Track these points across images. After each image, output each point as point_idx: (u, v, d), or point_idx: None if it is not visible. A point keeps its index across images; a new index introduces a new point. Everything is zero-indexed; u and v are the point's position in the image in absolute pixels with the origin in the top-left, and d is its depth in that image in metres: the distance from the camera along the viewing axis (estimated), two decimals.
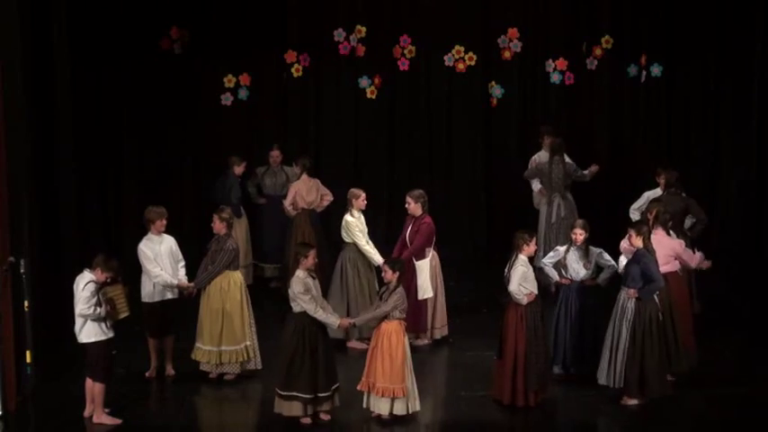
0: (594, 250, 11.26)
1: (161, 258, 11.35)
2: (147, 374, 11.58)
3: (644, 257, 10.54)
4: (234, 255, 11.44)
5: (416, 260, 12.21)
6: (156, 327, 11.49)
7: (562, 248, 11.40)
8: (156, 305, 11.43)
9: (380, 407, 10.25)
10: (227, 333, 11.35)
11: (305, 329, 10.13)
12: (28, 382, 10.94)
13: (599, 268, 11.27)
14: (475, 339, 12.55)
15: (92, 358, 10.27)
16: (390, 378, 10.13)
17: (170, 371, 11.65)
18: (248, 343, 11.42)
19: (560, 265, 11.32)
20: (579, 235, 11.24)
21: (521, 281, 10.46)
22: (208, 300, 11.42)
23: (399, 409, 10.25)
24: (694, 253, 11.86)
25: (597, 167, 14.70)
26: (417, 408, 10.37)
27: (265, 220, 14.85)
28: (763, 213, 15.91)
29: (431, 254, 12.38)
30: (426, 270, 12.25)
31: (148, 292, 11.43)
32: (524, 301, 10.50)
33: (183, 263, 11.57)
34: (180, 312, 11.61)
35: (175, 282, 11.36)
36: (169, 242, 11.48)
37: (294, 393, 10.14)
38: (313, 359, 10.12)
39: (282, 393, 10.21)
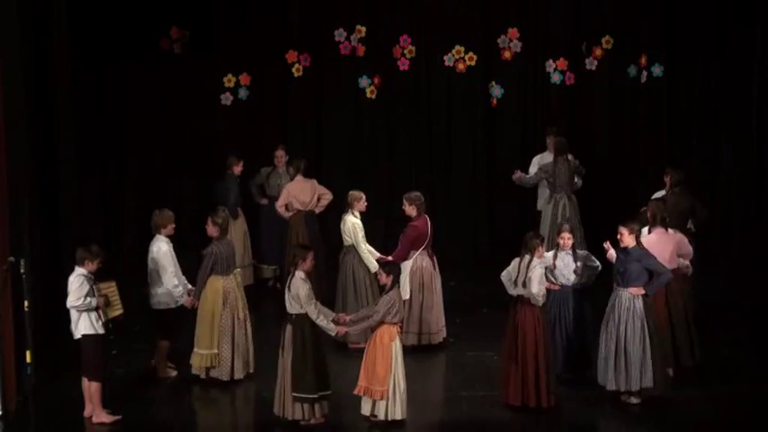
0: (582, 253, 11.23)
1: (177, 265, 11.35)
2: (167, 376, 11.51)
3: (643, 255, 10.51)
4: (215, 258, 11.22)
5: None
6: (170, 330, 11.42)
7: (549, 254, 11.20)
8: (169, 311, 11.34)
9: (366, 408, 10.19)
10: (198, 336, 11.30)
11: (307, 329, 10.11)
12: (28, 382, 10.94)
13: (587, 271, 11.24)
14: (475, 339, 12.54)
15: (86, 356, 10.27)
16: (372, 379, 10.06)
17: (173, 371, 11.63)
18: (215, 351, 11.24)
19: (548, 271, 11.14)
20: (567, 239, 11.17)
21: (541, 283, 10.45)
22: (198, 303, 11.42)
23: (379, 412, 10.12)
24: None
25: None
26: (397, 416, 10.13)
27: (267, 221, 14.83)
28: (762, 213, 15.91)
29: (414, 256, 12.25)
30: (406, 272, 11.94)
31: (162, 300, 11.27)
32: (542, 302, 10.49)
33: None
34: (182, 315, 11.61)
35: (183, 300, 11.30)
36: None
37: (303, 395, 10.09)
38: (317, 358, 10.12)
39: (314, 396, 10.10)
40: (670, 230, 11.64)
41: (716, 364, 11.86)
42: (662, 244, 11.05)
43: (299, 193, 14.03)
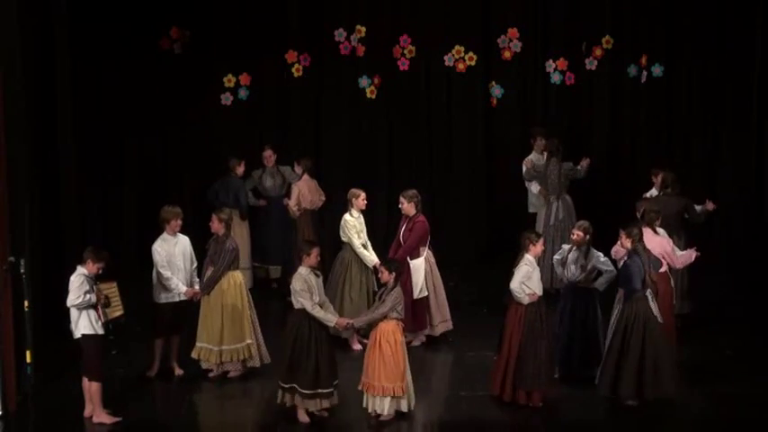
0: (594, 253, 11.25)
1: (175, 259, 11.36)
2: (147, 373, 11.56)
3: (628, 259, 10.59)
4: (234, 254, 11.44)
5: (411, 259, 12.20)
6: (166, 327, 11.48)
7: (567, 247, 11.44)
8: (168, 306, 11.43)
9: (381, 406, 10.25)
10: (228, 332, 11.36)
11: (304, 325, 10.16)
12: (28, 382, 10.94)
13: (599, 272, 11.26)
14: (475, 339, 12.55)
15: (86, 356, 10.28)
16: (391, 377, 10.15)
17: (178, 370, 11.66)
18: (249, 341, 11.42)
19: (561, 264, 11.35)
20: (575, 235, 11.25)
21: (523, 279, 10.49)
22: (208, 299, 11.44)
23: (401, 407, 10.27)
24: (685, 250, 11.91)
25: (589, 160, 14.65)
26: (413, 407, 10.38)
27: (267, 222, 14.84)
28: (762, 213, 15.91)
29: (425, 252, 12.37)
30: (421, 269, 12.24)
31: (161, 294, 11.40)
32: (525, 300, 10.51)
33: (195, 265, 11.59)
34: (183, 311, 11.60)
35: (184, 289, 11.34)
36: (184, 243, 11.50)
37: (294, 386, 10.17)
38: (312, 355, 10.15)
39: (283, 385, 10.25)
40: (661, 231, 11.67)
41: (717, 364, 11.87)
42: (647, 243, 11.04)
43: (308, 192, 14.18)
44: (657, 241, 11.41)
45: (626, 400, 10.60)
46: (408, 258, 12.16)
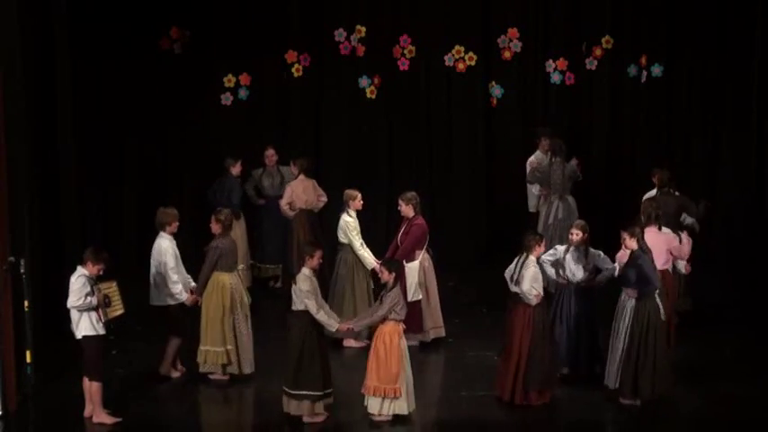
0: (594, 252, 11.24)
1: (180, 262, 11.33)
2: (159, 370, 11.50)
3: (639, 259, 10.56)
4: (218, 253, 11.25)
5: (406, 262, 12.09)
6: (183, 327, 11.42)
7: (561, 248, 11.37)
8: (177, 307, 11.34)
9: (374, 406, 10.24)
10: (208, 334, 11.28)
11: (310, 327, 10.15)
12: (28, 382, 10.94)
13: (598, 270, 11.25)
14: (475, 339, 12.55)
15: (87, 356, 10.27)
16: (384, 378, 10.12)
17: (178, 371, 11.65)
18: (229, 347, 11.27)
19: (558, 265, 11.29)
20: (575, 235, 11.22)
21: (532, 281, 10.47)
22: (203, 299, 11.42)
23: (396, 409, 10.22)
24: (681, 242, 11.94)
25: (577, 160, 14.66)
26: (411, 409, 10.32)
27: (265, 221, 14.86)
28: (762, 213, 15.91)
29: (421, 256, 12.33)
30: (415, 272, 12.18)
31: (167, 297, 11.29)
32: (534, 301, 10.50)
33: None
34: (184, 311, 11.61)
35: (185, 296, 11.30)
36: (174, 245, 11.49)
37: (304, 392, 10.14)
38: (320, 356, 10.16)
39: (292, 393, 10.20)
40: (664, 229, 11.70)
41: (716, 364, 11.87)
42: (654, 243, 11.05)
43: (302, 192, 14.12)
44: (663, 238, 11.42)
45: (645, 400, 10.60)
46: (404, 261, 12.08)
